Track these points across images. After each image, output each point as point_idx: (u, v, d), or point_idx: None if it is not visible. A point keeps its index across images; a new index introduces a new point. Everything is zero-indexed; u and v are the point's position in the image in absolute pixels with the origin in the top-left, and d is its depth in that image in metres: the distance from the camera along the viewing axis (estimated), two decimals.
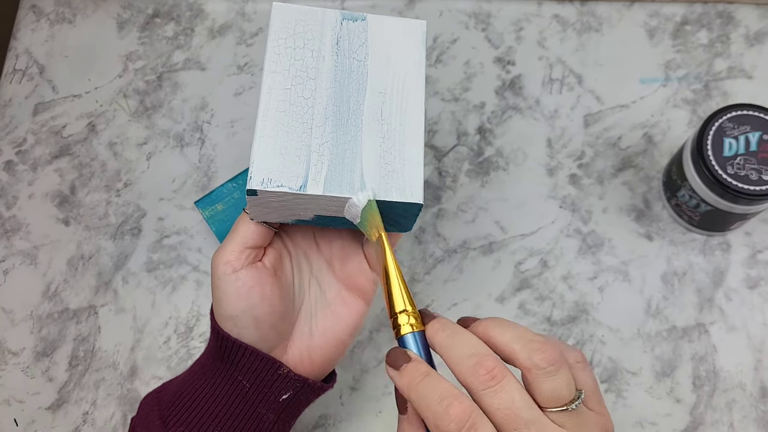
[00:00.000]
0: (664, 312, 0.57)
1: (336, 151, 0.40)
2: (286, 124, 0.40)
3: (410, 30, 0.44)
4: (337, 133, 0.40)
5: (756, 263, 0.58)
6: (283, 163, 0.39)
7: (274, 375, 0.41)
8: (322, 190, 0.38)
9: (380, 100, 0.41)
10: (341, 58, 0.42)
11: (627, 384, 0.55)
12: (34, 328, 0.58)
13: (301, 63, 0.41)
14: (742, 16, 0.66)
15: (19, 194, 0.62)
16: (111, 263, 0.60)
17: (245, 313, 0.40)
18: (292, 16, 0.42)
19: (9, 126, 0.64)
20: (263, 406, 0.42)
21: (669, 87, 0.64)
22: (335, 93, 0.41)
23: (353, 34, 0.43)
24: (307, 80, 0.41)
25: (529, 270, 0.59)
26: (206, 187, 0.62)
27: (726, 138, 0.52)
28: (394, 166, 0.40)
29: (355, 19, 0.43)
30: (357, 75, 0.42)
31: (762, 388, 0.55)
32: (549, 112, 0.63)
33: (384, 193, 0.39)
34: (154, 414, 0.41)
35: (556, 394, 0.33)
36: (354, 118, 0.41)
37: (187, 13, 0.68)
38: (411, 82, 0.42)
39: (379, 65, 0.42)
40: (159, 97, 0.65)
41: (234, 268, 0.40)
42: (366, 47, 0.42)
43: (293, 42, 0.42)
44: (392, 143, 0.40)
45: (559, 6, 0.67)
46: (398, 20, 0.44)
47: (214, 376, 0.42)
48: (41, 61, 0.67)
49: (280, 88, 0.40)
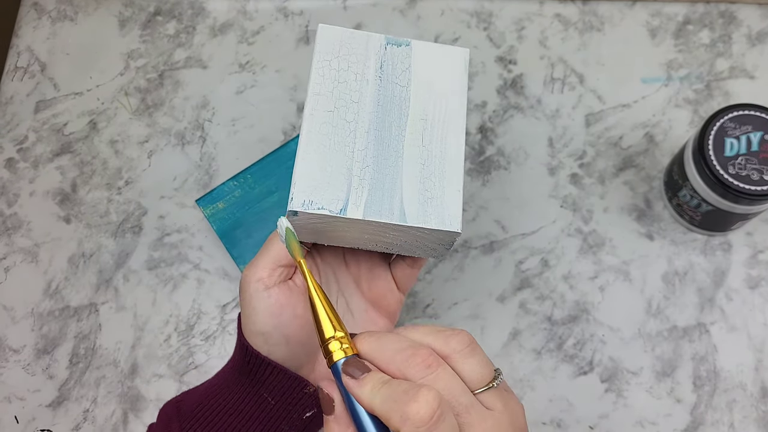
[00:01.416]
0: (665, 312, 0.57)
1: (377, 176, 0.40)
2: (329, 146, 0.40)
3: (453, 57, 0.44)
4: (378, 158, 0.40)
5: (757, 263, 0.58)
6: (325, 186, 0.39)
7: (300, 393, 0.42)
8: (362, 214, 0.39)
9: (422, 126, 0.41)
10: (384, 82, 0.42)
11: (627, 384, 0.55)
12: (35, 326, 0.58)
13: (345, 86, 0.41)
14: (744, 16, 0.66)
15: (21, 192, 0.62)
16: (112, 261, 0.60)
17: (277, 330, 0.40)
18: (336, 38, 0.42)
19: (10, 123, 0.64)
20: (286, 423, 0.42)
21: (671, 87, 0.64)
22: (378, 117, 0.41)
23: (396, 59, 0.43)
24: (350, 103, 0.41)
25: (530, 269, 0.59)
26: (207, 186, 0.62)
27: (727, 138, 0.52)
28: (434, 193, 0.40)
29: (399, 44, 0.43)
30: (399, 100, 0.42)
31: (762, 388, 0.55)
32: (550, 111, 0.63)
33: (423, 221, 0.39)
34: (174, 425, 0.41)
35: (479, 374, 0.34)
36: (396, 143, 0.41)
37: (189, 12, 0.68)
38: (452, 110, 0.42)
39: (422, 92, 0.42)
40: (160, 95, 0.65)
41: (266, 285, 0.40)
42: (409, 73, 0.43)
43: (337, 64, 0.42)
44: (432, 170, 0.41)
45: (561, 5, 0.67)
46: (442, 47, 0.44)
47: (238, 390, 0.42)
48: (43, 58, 0.67)
49: (323, 111, 0.41)
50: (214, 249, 0.60)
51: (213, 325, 0.58)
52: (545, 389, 0.56)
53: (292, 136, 0.62)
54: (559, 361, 0.56)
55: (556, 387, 0.56)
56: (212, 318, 0.58)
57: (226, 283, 0.59)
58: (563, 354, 0.56)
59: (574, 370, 0.56)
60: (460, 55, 0.44)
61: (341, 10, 0.67)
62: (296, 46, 0.66)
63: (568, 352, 0.56)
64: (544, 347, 0.57)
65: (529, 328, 0.57)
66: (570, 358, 0.56)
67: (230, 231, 0.57)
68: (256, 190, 0.58)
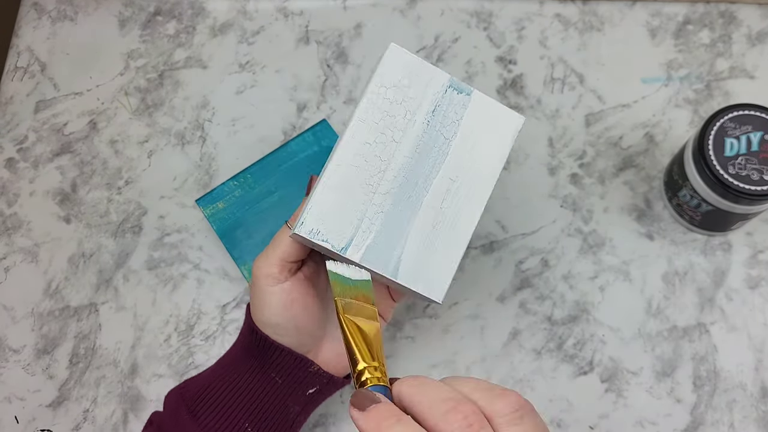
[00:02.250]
0: (665, 312, 0.57)
1: (386, 224, 0.40)
2: (354, 180, 0.40)
3: (506, 121, 0.42)
4: (395, 207, 0.40)
5: (757, 263, 0.58)
6: (336, 220, 0.39)
7: (305, 372, 0.44)
8: (360, 258, 0.39)
9: (446, 188, 0.41)
10: (431, 128, 0.41)
11: (627, 384, 0.55)
12: (35, 326, 0.58)
13: (392, 121, 0.40)
14: (744, 16, 0.66)
15: (21, 192, 0.62)
16: (112, 261, 0.60)
17: (287, 322, 0.42)
18: (402, 65, 0.41)
19: (10, 123, 0.65)
20: (291, 399, 0.44)
21: (671, 87, 0.64)
22: (410, 165, 0.40)
23: (451, 107, 0.41)
24: (389, 141, 0.40)
25: (530, 269, 0.59)
26: (207, 186, 0.62)
27: (727, 138, 0.52)
28: (431, 259, 0.40)
29: (460, 91, 0.42)
30: (437, 153, 0.41)
31: (762, 389, 0.55)
32: (550, 111, 0.63)
33: (411, 282, 0.40)
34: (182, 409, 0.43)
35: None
36: (416, 197, 0.40)
37: (189, 11, 0.68)
38: (483, 177, 0.42)
39: (462, 150, 0.41)
40: (160, 95, 0.65)
41: (278, 280, 0.42)
42: (457, 126, 0.41)
43: (393, 94, 0.41)
44: (439, 235, 0.40)
45: (561, 5, 0.67)
46: (499, 107, 0.42)
47: (246, 371, 0.44)
48: (43, 58, 0.67)
49: (361, 141, 0.40)
50: (214, 249, 0.60)
51: (213, 325, 0.58)
52: (545, 389, 0.56)
53: (292, 136, 0.62)
54: (559, 361, 0.56)
55: (556, 387, 0.56)
56: (212, 318, 0.58)
57: (226, 283, 0.59)
58: (563, 354, 0.56)
59: (574, 370, 0.56)
60: (514, 121, 0.42)
61: (341, 11, 0.67)
62: (296, 46, 0.66)
63: (568, 352, 0.56)
64: (544, 347, 0.57)
65: (529, 328, 0.57)
66: (570, 358, 0.56)
67: (230, 231, 0.57)
68: (256, 190, 0.58)
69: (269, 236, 0.56)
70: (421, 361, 0.57)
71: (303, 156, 0.59)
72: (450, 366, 0.56)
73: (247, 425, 0.43)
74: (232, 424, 0.42)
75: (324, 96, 0.64)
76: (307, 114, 0.64)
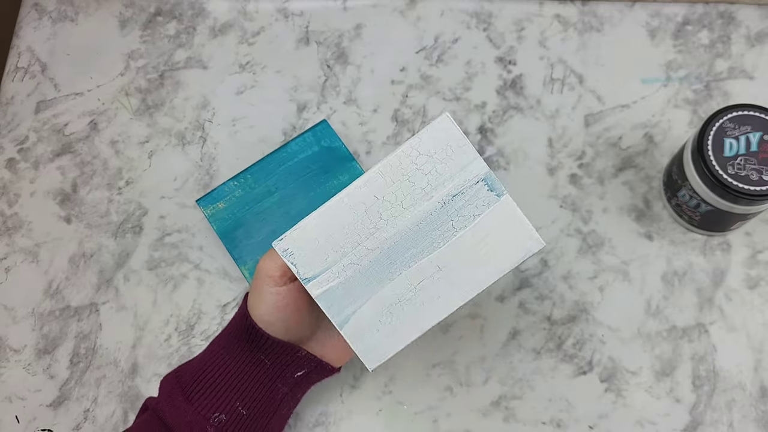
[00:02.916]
0: (664, 312, 0.57)
1: (357, 279, 0.40)
2: (346, 224, 0.39)
3: (523, 239, 0.40)
4: (372, 266, 0.40)
5: (756, 263, 0.58)
6: (312, 251, 0.39)
7: (293, 356, 0.47)
8: (316, 296, 0.40)
9: (430, 273, 0.39)
10: (443, 211, 0.39)
11: (627, 383, 0.56)
12: (35, 326, 0.59)
13: (409, 187, 0.39)
14: (743, 17, 0.66)
15: (21, 192, 0.63)
16: (112, 261, 0.60)
17: (280, 321, 0.45)
18: (446, 137, 0.40)
19: (11, 124, 0.65)
20: (280, 380, 0.47)
21: (670, 87, 0.64)
22: (406, 237, 0.40)
23: (474, 202, 0.39)
24: (396, 205, 0.39)
25: (530, 269, 0.59)
26: (208, 186, 0.62)
27: (727, 138, 0.52)
28: (384, 329, 0.40)
29: (492, 189, 0.40)
30: (438, 237, 0.40)
31: (761, 388, 0.55)
32: (550, 111, 0.64)
33: (353, 340, 0.40)
34: (177, 392, 0.45)
35: None
36: (398, 267, 0.40)
37: (189, 12, 0.68)
38: (471, 281, 0.40)
39: (464, 246, 0.39)
40: (161, 96, 0.65)
41: (276, 283, 0.43)
42: (471, 222, 0.39)
43: (423, 162, 0.39)
44: (401, 312, 0.40)
45: (561, 6, 0.67)
46: (523, 222, 0.40)
47: (237, 354, 0.46)
48: (43, 59, 0.67)
49: (371, 193, 0.39)
50: (215, 249, 0.60)
51: (213, 325, 0.58)
52: (545, 389, 0.56)
53: (292, 137, 0.62)
54: (559, 360, 0.56)
55: (556, 387, 0.56)
56: (212, 318, 0.58)
57: (226, 283, 0.59)
58: (563, 354, 0.56)
59: (573, 370, 0.56)
60: (532, 242, 0.40)
61: (341, 11, 0.67)
62: (296, 46, 0.66)
63: (567, 351, 0.57)
64: (543, 347, 0.57)
65: (528, 328, 0.57)
66: (569, 358, 0.56)
67: (230, 231, 0.57)
68: (257, 190, 0.58)
69: (269, 236, 0.57)
70: (421, 361, 0.57)
71: (303, 156, 0.59)
72: (450, 366, 0.56)
73: (238, 404, 0.45)
74: (225, 404, 0.45)
75: (324, 96, 0.65)
76: (307, 114, 0.64)
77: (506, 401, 0.55)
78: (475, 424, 0.55)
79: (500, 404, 0.55)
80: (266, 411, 0.47)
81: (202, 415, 0.44)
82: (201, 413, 0.44)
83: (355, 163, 0.58)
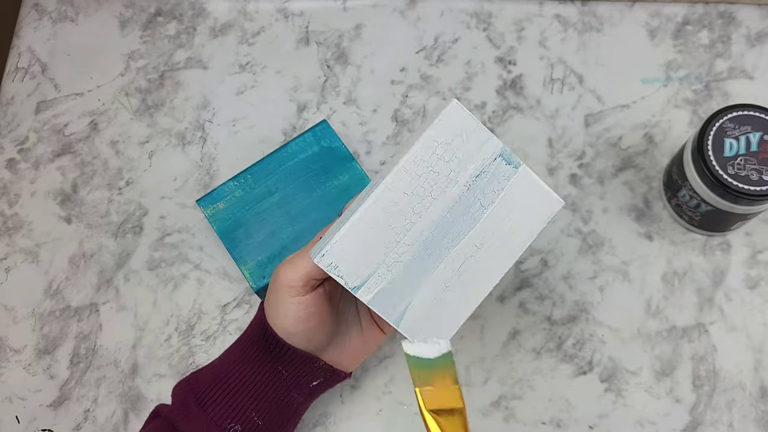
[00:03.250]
0: (664, 312, 0.57)
1: (403, 275, 0.40)
2: (382, 225, 0.40)
3: (545, 203, 0.42)
4: (414, 260, 0.41)
5: (756, 263, 0.58)
6: (356, 260, 0.40)
7: (311, 367, 0.46)
8: (369, 300, 0.40)
9: (469, 253, 0.41)
10: (470, 192, 0.41)
11: (627, 383, 0.56)
12: (35, 326, 0.59)
13: (435, 177, 0.41)
14: (743, 17, 0.66)
15: (21, 192, 0.63)
16: (113, 261, 0.60)
17: (301, 333, 0.44)
18: (459, 122, 0.41)
19: (11, 124, 0.65)
20: (296, 390, 0.46)
21: (670, 87, 0.64)
22: (441, 224, 0.41)
23: (496, 177, 0.41)
24: (427, 196, 0.41)
25: (530, 269, 0.59)
26: (208, 186, 0.62)
27: (727, 138, 0.52)
28: (434, 318, 0.41)
29: (509, 162, 0.42)
30: (469, 218, 0.41)
31: (761, 388, 0.55)
32: (550, 111, 0.64)
33: (411, 335, 0.41)
34: (191, 400, 0.44)
35: None
36: (437, 255, 0.41)
37: (189, 12, 0.68)
38: (505, 253, 0.42)
39: (494, 220, 0.41)
40: (161, 96, 0.65)
41: (298, 293, 0.43)
42: (496, 196, 0.41)
43: (442, 151, 0.41)
44: (449, 296, 0.41)
45: (561, 6, 0.67)
46: (542, 188, 0.42)
47: (254, 363, 0.45)
48: (43, 59, 0.67)
49: (399, 190, 0.40)
50: (215, 249, 0.60)
51: (213, 325, 0.58)
52: (545, 389, 0.56)
53: (292, 137, 0.62)
54: (559, 360, 0.56)
55: (556, 387, 0.56)
56: (213, 318, 0.58)
57: (226, 283, 0.59)
58: (563, 354, 0.57)
59: (573, 370, 0.56)
60: (553, 203, 0.42)
61: (341, 11, 0.67)
62: (296, 46, 0.66)
63: (567, 351, 0.57)
64: (543, 347, 0.57)
65: (528, 328, 0.57)
66: (569, 358, 0.56)
67: (230, 231, 0.57)
68: (257, 190, 0.58)
69: (269, 236, 0.57)
70: None
71: (303, 156, 0.59)
72: None
73: (254, 414, 0.44)
74: (241, 414, 0.44)
75: (324, 96, 0.65)
76: (307, 114, 0.64)
77: (506, 401, 0.55)
78: (475, 424, 0.55)
79: (500, 404, 0.55)
80: (281, 421, 0.46)
81: (217, 424, 0.44)
82: (216, 422, 0.44)
83: (355, 163, 0.58)
